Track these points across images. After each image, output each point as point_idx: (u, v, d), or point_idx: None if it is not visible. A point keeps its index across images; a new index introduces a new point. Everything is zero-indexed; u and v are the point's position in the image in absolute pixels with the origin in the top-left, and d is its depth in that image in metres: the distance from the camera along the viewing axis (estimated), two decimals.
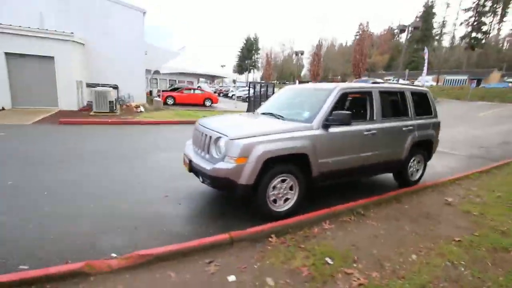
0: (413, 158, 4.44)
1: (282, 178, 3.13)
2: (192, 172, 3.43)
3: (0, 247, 2.42)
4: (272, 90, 10.78)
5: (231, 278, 2.14)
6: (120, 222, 3.01)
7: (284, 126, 3.23)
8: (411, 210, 3.58)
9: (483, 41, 48.26)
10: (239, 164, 2.85)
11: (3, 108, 10.84)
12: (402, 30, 17.36)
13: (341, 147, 3.52)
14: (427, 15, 54.64)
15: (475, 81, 34.28)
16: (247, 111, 12.47)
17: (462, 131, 10.25)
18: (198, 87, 27.81)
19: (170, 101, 19.13)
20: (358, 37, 46.09)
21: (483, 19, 46.46)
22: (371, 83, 4.13)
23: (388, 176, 4.73)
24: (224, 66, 40.34)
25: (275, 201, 3.17)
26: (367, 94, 3.89)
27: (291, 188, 3.24)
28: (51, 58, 11.55)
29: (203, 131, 3.40)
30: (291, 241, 2.71)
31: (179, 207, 3.49)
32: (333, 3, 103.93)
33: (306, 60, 65.40)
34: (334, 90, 3.56)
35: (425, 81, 28.54)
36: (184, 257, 2.34)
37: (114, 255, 2.41)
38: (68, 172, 4.54)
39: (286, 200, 3.25)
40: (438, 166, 5.78)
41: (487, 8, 46.12)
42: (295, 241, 2.71)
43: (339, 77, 46.22)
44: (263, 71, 64.04)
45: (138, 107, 13.77)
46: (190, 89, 21.18)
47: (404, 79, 26.22)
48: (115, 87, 14.52)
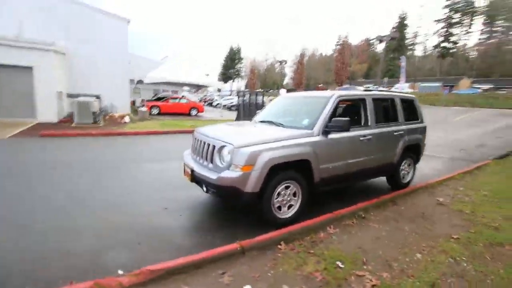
0: (404, 161, 4.64)
1: (286, 184, 3.17)
2: (194, 182, 3.39)
3: None
4: (261, 99, 10.89)
5: None
6: (121, 237, 2.91)
7: (286, 133, 3.28)
8: (407, 211, 3.72)
9: (453, 50, 51.47)
10: (245, 172, 2.86)
11: None
12: (381, 40, 18.19)
13: (340, 152, 3.62)
14: (401, 26, 57.73)
15: (448, 87, 36.39)
16: (236, 119, 12.49)
17: (442, 136, 10.80)
18: (182, 96, 27.62)
19: (155, 110, 18.80)
20: (338, 47, 47.87)
21: (452, 30, 49.70)
22: (364, 90, 4.31)
23: (378, 180, 4.89)
24: (208, 75, 40.41)
25: (279, 208, 3.19)
26: (361, 101, 4.06)
27: (294, 194, 3.28)
28: (29, 68, 11.08)
29: (204, 140, 3.38)
30: (300, 247, 2.73)
31: (181, 219, 3.42)
32: (313, 15, 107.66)
33: (288, 69, 66.86)
34: (332, 97, 3.68)
35: (402, 88, 29.99)
36: (196, 269, 2.30)
37: (120, 272, 2.32)
38: (59, 187, 4.34)
39: (290, 206, 3.28)
40: (425, 169, 6.04)
41: (456, 20, 49.42)
42: (304, 247, 2.73)
43: (321, 85, 47.56)
44: (246, 79, 64.63)
45: (122, 117, 13.43)
46: (176, 98, 20.95)
47: (383, 87, 27.36)
48: (98, 97, 14.10)
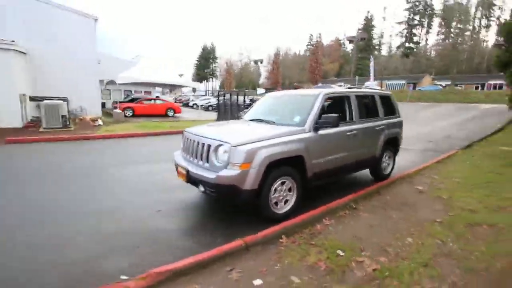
0: (384, 154, 4.93)
1: (282, 180, 3.25)
2: (190, 183, 3.35)
3: None
4: (243, 99, 10.88)
5: (257, 282, 2.16)
6: (118, 242, 2.80)
7: (280, 131, 3.36)
8: (392, 200, 3.98)
9: (415, 50, 55.28)
10: (244, 170, 2.89)
11: None
12: (351, 40, 19.01)
13: (329, 147, 3.77)
14: (368, 27, 60.80)
15: (412, 85, 38.86)
16: (217, 119, 12.38)
17: (411, 129, 11.55)
18: (157, 96, 26.77)
19: (129, 112, 18.03)
20: (311, 47, 49.15)
21: (413, 30, 53.38)
22: (348, 88, 4.51)
23: (359, 173, 5.15)
24: (182, 75, 39.41)
25: (276, 203, 3.26)
26: (345, 98, 4.25)
27: (289, 190, 3.37)
28: None
29: (198, 140, 3.36)
30: (300, 239, 2.82)
31: (176, 221, 3.36)
32: (282, 14, 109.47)
33: (263, 68, 67.40)
34: (320, 95, 3.82)
35: (371, 85, 31.56)
36: (203, 268, 2.29)
37: (123, 277, 2.24)
38: (42, 195, 4.05)
39: (286, 201, 3.36)
40: (401, 161, 6.43)
41: (416, 22, 53.14)
42: (304, 239, 2.83)
43: (297, 84, 48.62)
44: (221, 79, 64.11)
45: (95, 120, 12.74)
46: (150, 99, 20.29)
47: (355, 85, 28.61)
48: (65, 100, 13.23)
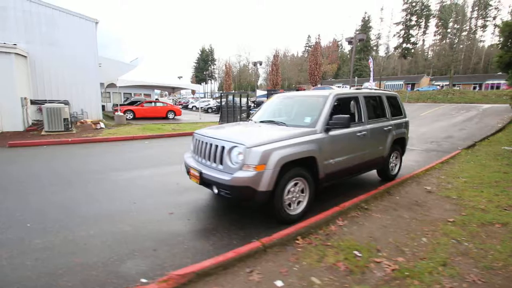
0: (392, 155, 4.96)
1: (295, 182, 3.26)
2: (203, 185, 3.36)
3: None
4: (246, 100, 10.88)
5: (279, 284, 2.16)
6: (133, 245, 2.80)
7: (292, 132, 3.37)
8: (402, 200, 4.00)
9: (412, 50, 55.54)
10: (259, 172, 2.90)
11: None
12: (350, 41, 19.08)
13: (340, 148, 3.79)
14: (365, 28, 61.09)
15: (410, 85, 39.18)
16: (219, 122, 12.38)
17: (413, 129, 11.61)
18: (156, 99, 26.77)
19: (129, 115, 18.03)
20: (309, 48, 49.26)
21: (411, 31, 53.61)
22: (356, 89, 4.54)
23: (365, 174, 5.18)
24: (181, 77, 39.52)
25: (289, 205, 3.27)
26: (354, 99, 4.28)
27: (302, 191, 3.38)
28: None
29: (210, 142, 3.36)
30: (316, 240, 2.83)
31: (189, 223, 3.36)
32: (281, 16, 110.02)
33: (261, 70, 67.55)
34: (330, 96, 3.85)
35: (371, 86, 31.73)
36: (224, 269, 2.30)
37: (143, 280, 2.25)
38: (52, 198, 4.03)
39: (299, 203, 3.38)
40: (404, 161, 6.47)
41: (413, 22, 53.42)
42: (319, 240, 2.84)
43: (298, 85, 48.81)
44: (220, 81, 64.15)
45: (96, 123, 12.71)
46: (151, 101, 20.26)
47: (354, 85, 28.73)
48: (66, 103, 13.22)
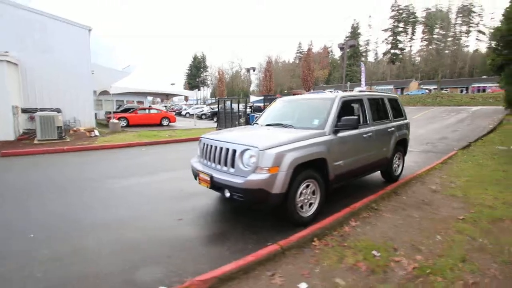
0: (395, 155, 5.02)
1: (307, 183, 3.25)
2: (214, 189, 3.31)
3: None
4: (244, 106, 10.88)
5: (303, 286, 2.13)
6: (146, 252, 2.72)
7: (303, 134, 3.38)
8: (410, 200, 4.03)
9: (400, 56, 57.14)
10: (273, 174, 2.88)
11: None
12: (341, 47, 19.48)
13: (348, 149, 3.82)
14: (355, 35, 62.59)
15: (399, 89, 40.10)
16: (217, 128, 12.32)
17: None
18: (149, 106, 26.55)
19: (123, 122, 17.77)
20: (302, 54, 49.94)
21: (398, 38, 55.28)
22: (358, 91, 4.60)
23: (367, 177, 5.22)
24: (173, 84, 39.40)
25: (301, 207, 3.26)
26: (359, 101, 4.34)
27: (313, 193, 3.37)
28: None
29: (221, 146, 3.33)
30: (332, 241, 2.81)
31: (200, 229, 3.30)
32: (273, 24, 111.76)
33: (253, 76, 68.01)
34: (336, 98, 3.89)
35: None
36: (245, 274, 2.25)
37: None
38: (53, 205, 3.90)
39: (310, 205, 3.36)
40: (405, 161, 6.57)
41: (400, 29, 55.15)
42: (336, 241, 2.82)
43: (286, 91, 49.27)
44: (213, 88, 64.17)
45: (90, 131, 12.47)
46: (145, 109, 20.07)
47: (346, 90, 29.27)
48: (58, 111, 12.95)
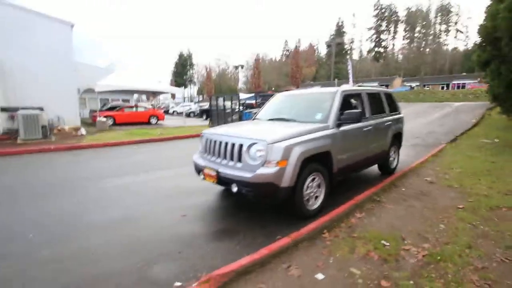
0: (391, 149, 5.14)
1: (313, 177, 3.27)
2: (220, 184, 3.28)
3: None
4: (237, 103, 10.79)
5: (320, 277, 2.14)
6: (155, 249, 2.66)
7: (308, 127, 3.38)
8: (409, 191, 4.14)
9: (384, 54, 58.54)
10: (281, 167, 2.88)
11: None
12: (329, 45, 19.74)
13: (350, 143, 3.87)
14: (339, 33, 63.46)
15: (384, 86, 41.08)
16: (209, 124, 12.18)
17: None
18: (135, 104, 25.90)
19: (109, 121, 17.24)
20: (288, 52, 50.11)
21: (381, 36, 56.58)
22: (358, 86, 4.67)
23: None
24: (160, 82, 38.62)
25: (308, 200, 3.28)
26: (358, 95, 4.40)
27: (318, 186, 3.40)
28: None
29: (226, 140, 3.29)
30: (341, 233, 2.85)
31: (206, 224, 3.26)
32: (258, 23, 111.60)
33: (241, 74, 67.76)
34: (338, 92, 3.93)
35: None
36: (261, 267, 2.24)
37: (178, 283, 2.13)
38: (46, 206, 3.73)
39: (316, 198, 3.39)
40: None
41: (383, 28, 56.46)
42: (345, 232, 2.86)
43: (273, 88, 49.39)
44: (200, 85, 63.32)
45: (77, 130, 12.04)
46: (132, 106, 19.55)
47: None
48: (41, 109, 12.39)
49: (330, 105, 3.78)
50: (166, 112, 34.34)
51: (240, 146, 3.10)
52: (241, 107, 11.19)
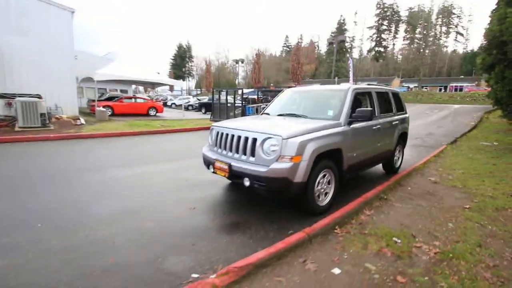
0: (396, 148, 5.19)
1: (324, 173, 3.29)
2: (232, 178, 3.28)
3: None
4: (240, 97, 10.71)
5: (336, 271, 2.17)
6: (168, 241, 2.66)
7: (320, 124, 3.39)
8: (414, 190, 4.20)
9: (384, 54, 58.60)
10: (295, 163, 2.89)
11: None
12: (331, 43, 19.69)
13: (360, 141, 3.89)
14: (341, 31, 63.26)
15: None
16: (211, 118, 12.13)
17: None
18: (134, 95, 25.62)
19: (107, 112, 17.03)
20: (289, 48, 49.69)
21: (382, 35, 56.55)
22: (367, 84, 4.68)
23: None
24: (158, 73, 38.20)
25: (318, 196, 3.30)
26: (368, 94, 4.41)
27: (328, 182, 3.42)
28: None
29: (239, 134, 3.28)
30: (352, 229, 2.88)
31: (216, 217, 3.26)
32: (258, 17, 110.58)
33: (241, 68, 67.29)
34: (349, 90, 3.93)
35: None
36: (278, 260, 2.26)
37: (195, 275, 2.14)
38: (52, 195, 3.70)
39: (325, 194, 3.41)
40: None
41: (384, 27, 56.42)
42: (356, 229, 2.89)
43: (272, 83, 49.17)
44: (199, 78, 62.78)
45: (76, 119, 11.87)
46: (131, 97, 19.34)
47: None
48: (39, 97, 12.19)
49: (342, 102, 3.79)
50: (165, 104, 34.06)
51: (254, 140, 3.10)
52: (244, 102, 11.14)
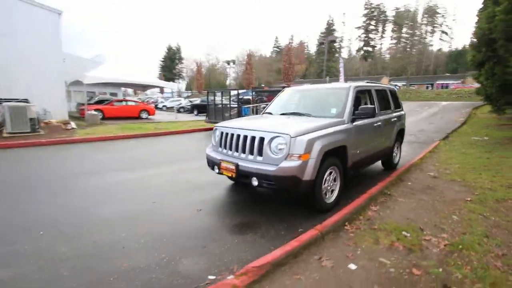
0: (395, 145, 5.28)
1: (330, 171, 3.32)
2: (238, 178, 3.25)
3: None
4: (236, 98, 10.67)
5: (353, 267, 2.19)
6: (179, 243, 2.62)
7: (325, 122, 3.41)
8: (415, 185, 4.28)
9: (372, 53, 59.71)
10: (304, 161, 2.90)
11: None
12: (322, 43, 19.90)
13: (363, 138, 3.94)
14: (329, 31, 64.05)
15: None
16: (206, 119, 12.03)
17: None
18: (123, 98, 25.21)
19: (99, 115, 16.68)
20: (279, 48, 49.94)
21: (370, 35, 57.63)
22: (366, 82, 4.74)
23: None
24: (148, 75, 37.69)
25: (325, 193, 3.32)
26: (368, 92, 4.48)
27: (334, 180, 3.45)
28: None
29: (245, 134, 3.27)
30: (362, 225, 2.91)
31: (223, 218, 3.24)
32: (250, 19, 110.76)
33: (231, 70, 67.22)
34: (351, 88, 3.98)
35: None
36: (295, 258, 2.26)
37: (211, 277, 2.12)
38: (52, 201, 3.59)
39: (332, 191, 3.44)
40: None
41: (372, 27, 57.50)
42: (365, 225, 2.92)
43: (263, 84, 49.30)
44: (189, 80, 62.25)
45: (67, 123, 11.56)
46: (122, 100, 19.00)
47: None
48: (26, 102, 11.83)
49: (345, 100, 3.83)
50: (155, 106, 33.63)
51: (261, 140, 3.10)
52: (239, 103, 11.11)
